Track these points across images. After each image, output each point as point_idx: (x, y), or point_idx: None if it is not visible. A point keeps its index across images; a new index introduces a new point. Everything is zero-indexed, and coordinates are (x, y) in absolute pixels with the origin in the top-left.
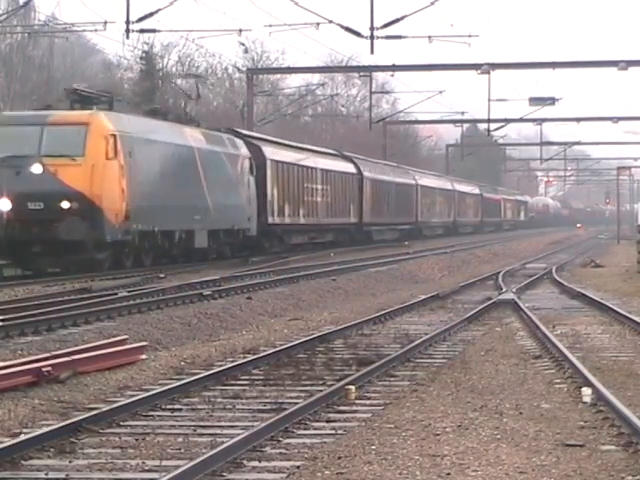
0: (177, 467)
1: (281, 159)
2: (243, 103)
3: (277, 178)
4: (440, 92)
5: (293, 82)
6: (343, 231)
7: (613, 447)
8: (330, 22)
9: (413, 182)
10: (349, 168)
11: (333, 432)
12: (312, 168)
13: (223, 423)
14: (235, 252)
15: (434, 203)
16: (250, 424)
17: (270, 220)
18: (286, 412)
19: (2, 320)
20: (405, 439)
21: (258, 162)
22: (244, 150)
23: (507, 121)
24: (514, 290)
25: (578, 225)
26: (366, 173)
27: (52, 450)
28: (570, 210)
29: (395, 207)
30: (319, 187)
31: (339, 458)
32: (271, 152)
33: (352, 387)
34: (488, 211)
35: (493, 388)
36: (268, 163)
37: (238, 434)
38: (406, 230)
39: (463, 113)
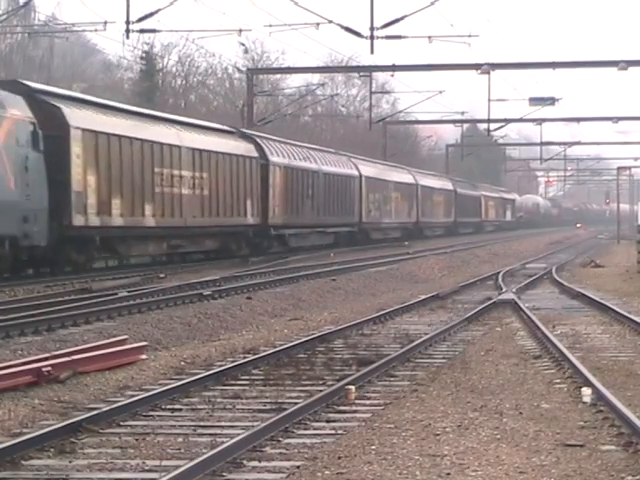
0: (177, 467)
1: (103, 129)
2: (243, 103)
3: (95, 157)
4: (440, 92)
5: (293, 82)
6: (235, 236)
7: (613, 447)
8: (330, 22)
9: (354, 173)
10: (246, 150)
11: (333, 432)
12: (172, 146)
13: (223, 423)
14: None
15: (387, 200)
16: (250, 424)
17: (78, 221)
18: (286, 412)
19: None
20: (405, 439)
21: (54, 131)
22: (17, 111)
23: (507, 121)
24: (514, 290)
25: (578, 225)
26: (274, 158)
27: (52, 450)
28: (559, 209)
29: (326, 204)
30: (186, 174)
31: (339, 458)
32: (82, 117)
33: (352, 387)
34: (464, 210)
35: (493, 388)
36: (74, 133)
37: (238, 434)
38: (344, 233)
39: (463, 113)
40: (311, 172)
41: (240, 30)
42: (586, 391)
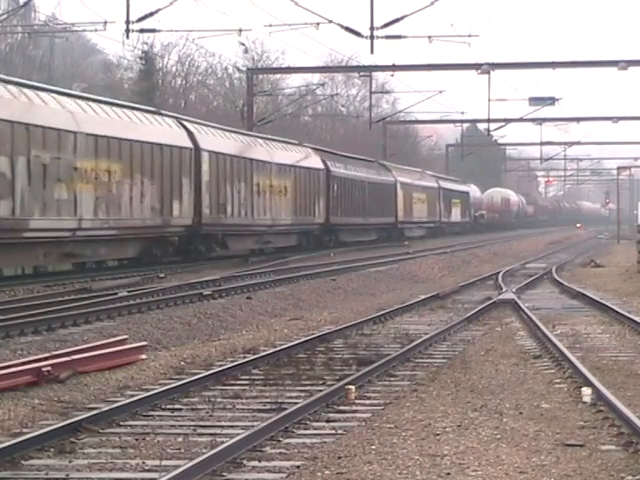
0: (177, 467)
1: None
2: (243, 103)
3: None
4: (440, 92)
5: (293, 82)
6: None
7: (613, 447)
8: (330, 22)
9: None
10: None
11: (333, 432)
12: None
13: (223, 423)
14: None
15: (124, 180)
16: (250, 424)
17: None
18: (286, 412)
19: None
20: (405, 439)
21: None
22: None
23: (507, 121)
24: (514, 290)
25: (578, 225)
26: None
27: (52, 450)
28: (535, 207)
29: None
30: None
31: (339, 458)
32: None
33: (352, 387)
34: (351, 205)
35: (493, 388)
36: None
37: (238, 434)
38: None
39: (463, 113)
40: None
41: (240, 30)
42: (586, 391)
